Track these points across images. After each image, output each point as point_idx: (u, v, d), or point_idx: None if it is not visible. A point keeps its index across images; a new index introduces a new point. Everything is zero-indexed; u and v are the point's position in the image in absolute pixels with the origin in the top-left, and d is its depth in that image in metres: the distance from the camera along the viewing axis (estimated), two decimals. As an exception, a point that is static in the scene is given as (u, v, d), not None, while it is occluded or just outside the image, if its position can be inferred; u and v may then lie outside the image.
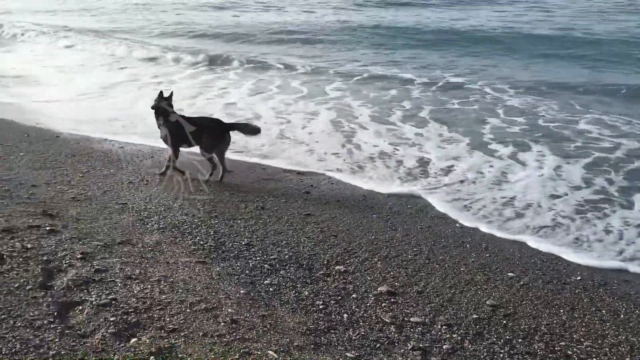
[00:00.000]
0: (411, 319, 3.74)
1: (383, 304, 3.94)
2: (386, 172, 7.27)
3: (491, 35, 19.84)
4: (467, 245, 5.09)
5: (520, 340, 3.57)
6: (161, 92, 6.70)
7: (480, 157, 7.82)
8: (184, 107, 8.82)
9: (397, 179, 7.01)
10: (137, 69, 15.55)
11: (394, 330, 3.59)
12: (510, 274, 4.53)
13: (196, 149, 6.80)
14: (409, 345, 3.42)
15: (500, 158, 7.77)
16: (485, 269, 4.63)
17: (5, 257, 4.05)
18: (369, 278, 4.38)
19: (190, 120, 6.70)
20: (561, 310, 3.99)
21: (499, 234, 5.42)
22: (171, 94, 6.73)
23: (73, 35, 21.97)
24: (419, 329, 3.63)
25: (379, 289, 4.17)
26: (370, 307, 3.89)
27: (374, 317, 3.75)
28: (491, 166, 7.44)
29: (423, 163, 7.63)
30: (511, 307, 3.99)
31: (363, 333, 3.53)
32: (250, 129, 6.91)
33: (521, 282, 4.40)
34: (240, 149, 8.02)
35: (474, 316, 3.83)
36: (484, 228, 5.53)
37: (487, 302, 4.04)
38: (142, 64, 16.36)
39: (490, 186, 6.73)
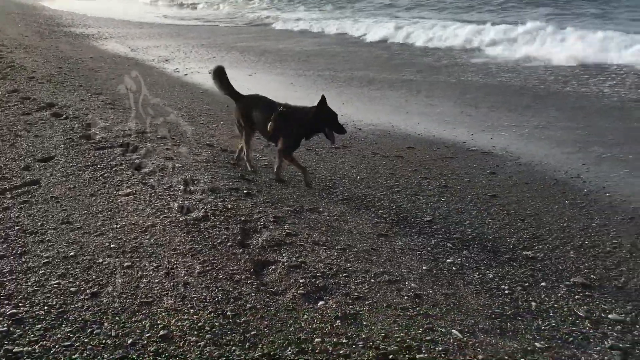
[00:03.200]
0: (609, 316, 3.43)
1: (576, 297, 3.67)
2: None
3: None
4: (679, 242, 4.52)
5: None
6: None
7: None
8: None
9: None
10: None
11: (588, 325, 3.32)
12: None
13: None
14: (606, 343, 3.14)
15: None
16: (701, 270, 4.08)
17: (209, 215, 4.48)
18: (560, 267, 4.11)
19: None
20: None
21: None
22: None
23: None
24: (619, 327, 3.31)
25: (572, 279, 3.89)
26: (562, 298, 3.64)
27: (565, 309, 3.50)
28: None
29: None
30: None
31: (553, 324, 3.31)
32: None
33: None
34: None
35: (687, 321, 3.40)
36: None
37: (703, 308, 3.56)
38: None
39: None
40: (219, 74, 5.94)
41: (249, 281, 3.53)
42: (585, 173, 6.17)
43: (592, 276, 3.97)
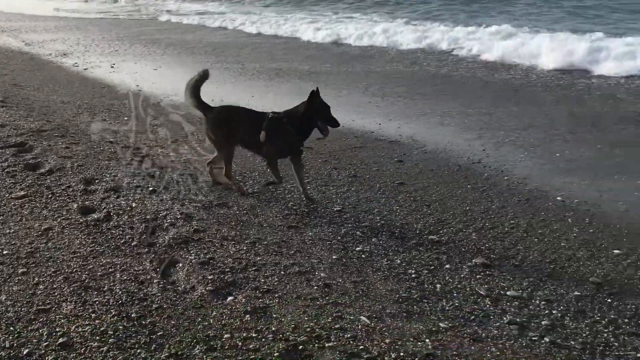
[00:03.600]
0: (507, 293, 3.61)
1: (478, 276, 3.84)
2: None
3: None
4: (569, 220, 4.82)
5: (626, 320, 3.34)
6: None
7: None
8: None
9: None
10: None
11: (489, 303, 3.49)
12: (616, 251, 4.26)
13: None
14: (505, 318, 3.31)
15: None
16: (588, 244, 4.37)
17: (112, 214, 4.30)
18: (463, 249, 4.28)
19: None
20: (674, 292, 3.71)
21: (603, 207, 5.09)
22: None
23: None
24: (516, 303, 3.50)
25: (473, 260, 4.06)
26: (465, 279, 3.79)
27: (468, 289, 3.65)
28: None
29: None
30: (617, 286, 3.74)
31: (457, 304, 3.45)
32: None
33: (629, 260, 4.12)
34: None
35: (576, 293, 3.63)
36: (588, 203, 5.21)
37: (591, 280, 3.82)
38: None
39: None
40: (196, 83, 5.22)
41: (154, 281, 3.43)
42: (486, 158, 6.47)
43: (492, 256, 4.16)
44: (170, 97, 9.07)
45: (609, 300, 3.56)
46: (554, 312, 3.42)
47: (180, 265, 3.64)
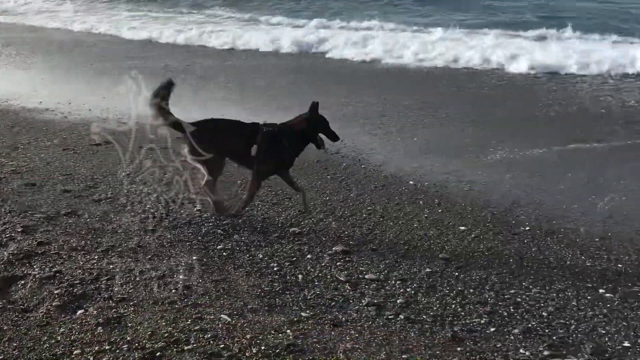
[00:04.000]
0: (366, 276, 3.74)
1: (338, 263, 3.93)
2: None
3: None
4: (421, 202, 5.12)
5: (471, 290, 3.60)
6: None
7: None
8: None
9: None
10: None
11: (348, 288, 3.58)
12: (462, 228, 4.58)
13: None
14: (363, 301, 3.42)
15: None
16: (438, 224, 4.67)
17: (-60, 234, 3.87)
18: (323, 238, 4.36)
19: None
20: (511, 260, 4.06)
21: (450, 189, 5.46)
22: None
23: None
24: (374, 285, 3.63)
25: (333, 248, 4.15)
26: (325, 267, 3.87)
27: (329, 277, 3.73)
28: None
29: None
30: (463, 260, 4.03)
31: (318, 292, 3.51)
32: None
33: (472, 235, 4.45)
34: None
35: (427, 270, 3.85)
36: (437, 185, 5.55)
37: (440, 256, 4.07)
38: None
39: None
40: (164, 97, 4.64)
41: (-9, 303, 3.12)
42: (344, 148, 6.66)
43: (351, 242, 4.29)
44: (9, 101, 8.34)
45: (457, 274, 3.82)
46: (408, 289, 3.59)
47: (22, 282, 3.34)
